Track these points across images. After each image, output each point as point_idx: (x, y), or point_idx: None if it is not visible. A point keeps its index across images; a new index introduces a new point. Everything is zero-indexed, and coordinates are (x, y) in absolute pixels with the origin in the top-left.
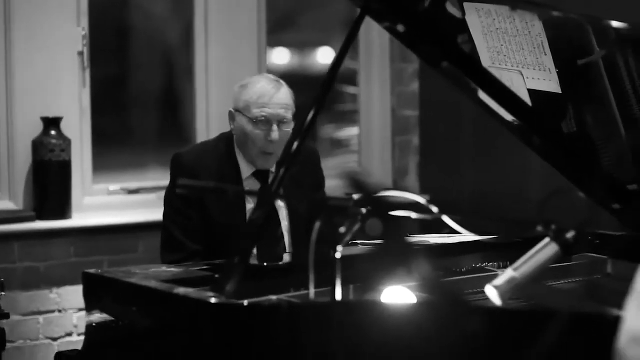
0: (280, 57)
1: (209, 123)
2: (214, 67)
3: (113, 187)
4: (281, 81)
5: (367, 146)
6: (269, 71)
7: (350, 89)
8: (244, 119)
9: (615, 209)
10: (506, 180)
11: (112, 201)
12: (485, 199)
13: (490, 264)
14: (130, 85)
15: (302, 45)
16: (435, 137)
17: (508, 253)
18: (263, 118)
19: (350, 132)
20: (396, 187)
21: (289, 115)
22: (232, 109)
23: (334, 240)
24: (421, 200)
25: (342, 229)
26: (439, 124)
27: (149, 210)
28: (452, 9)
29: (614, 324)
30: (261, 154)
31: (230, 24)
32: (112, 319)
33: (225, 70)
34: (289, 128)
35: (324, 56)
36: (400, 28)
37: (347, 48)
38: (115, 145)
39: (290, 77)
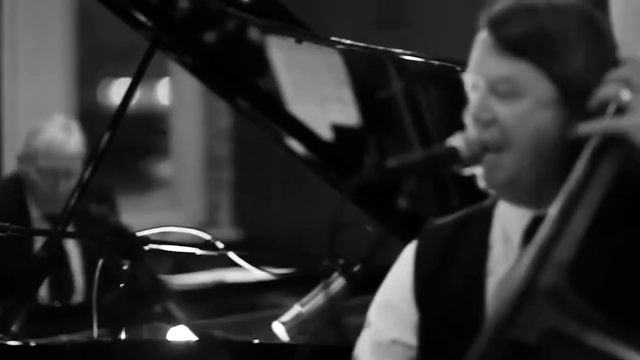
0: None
1: None
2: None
3: None
4: (72, 127)
5: (179, 181)
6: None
7: (164, 125)
8: (30, 166)
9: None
10: (315, 214)
11: None
12: (295, 234)
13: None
14: None
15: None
16: (247, 172)
17: (299, 288)
18: (49, 170)
19: (163, 167)
20: (209, 223)
21: (76, 166)
22: (18, 154)
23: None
24: (206, 236)
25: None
26: (251, 158)
27: None
28: (252, 40)
29: None
30: (46, 200)
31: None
32: None
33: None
34: (75, 178)
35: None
36: (188, 60)
37: (137, 82)
38: None
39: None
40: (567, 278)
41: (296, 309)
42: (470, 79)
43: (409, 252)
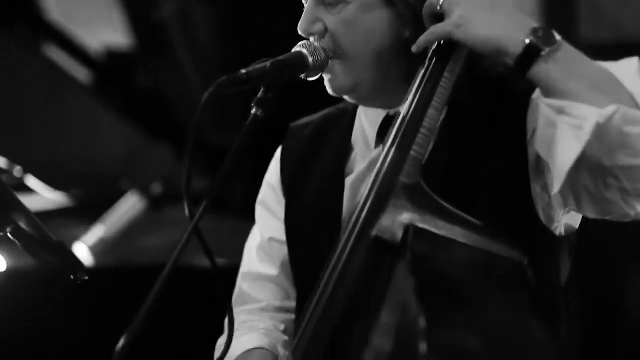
0: None
1: None
2: None
3: None
4: None
5: None
6: None
7: None
8: None
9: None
10: (75, 142)
11: None
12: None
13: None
14: None
15: None
16: None
17: (95, 211)
18: None
19: None
20: None
21: None
22: None
23: None
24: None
25: None
26: None
27: None
28: None
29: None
30: None
31: None
32: None
33: None
34: None
35: None
36: None
37: None
38: None
39: None
40: (422, 174)
41: (98, 231)
42: None
43: (277, 152)
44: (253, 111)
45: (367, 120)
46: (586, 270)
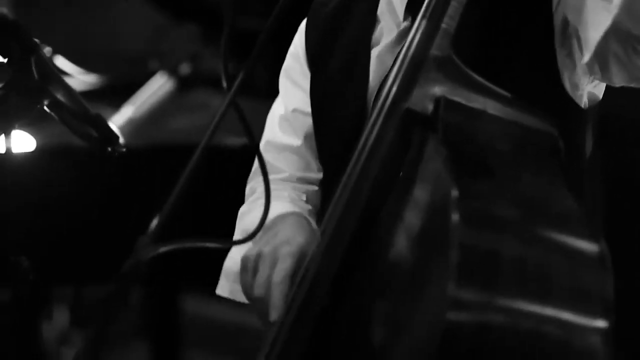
0: None
1: None
2: None
3: None
4: None
5: None
6: None
7: None
8: None
9: None
10: (102, 23)
11: None
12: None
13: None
14: None
15: None
16: None
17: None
18: None
19: None
20: None
21: None
22: None
23: None
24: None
25: None
26: None
27: None
28: None
29: None
30: None
31: None
32: None
33: None
34: None
35: None
36: None
37: None
38: None
39: None
40: (452, 46)
41: (127, 112)
42: None
43: (302, 24)
44: None
45: None
46: (608, 150)
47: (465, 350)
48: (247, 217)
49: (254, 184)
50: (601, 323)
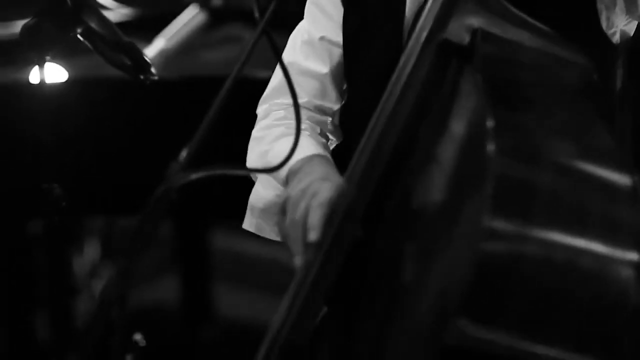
0: None
1: None
2: None
3: None
4: None
5: None
6: None
7: None
8: None
9: None
10: None
11: None
12: None
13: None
14: None
15: None
16: None
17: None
18: None
19: None
20: None
21: None
22: None
23: None
24: None
25: None
26: None
27: None
28: None
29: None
30: None
31: None
32: None
33: None
34: None
35: None
36: None
37: None
38: None
39: None
40: None
41: (160, 44)
42: None
43: None
44: None
45: None
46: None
47: (500, 281)
48: (271, 151)
49: (269, 107)
50: (634, 256)
